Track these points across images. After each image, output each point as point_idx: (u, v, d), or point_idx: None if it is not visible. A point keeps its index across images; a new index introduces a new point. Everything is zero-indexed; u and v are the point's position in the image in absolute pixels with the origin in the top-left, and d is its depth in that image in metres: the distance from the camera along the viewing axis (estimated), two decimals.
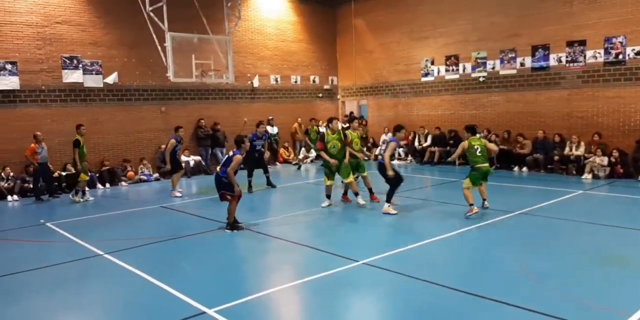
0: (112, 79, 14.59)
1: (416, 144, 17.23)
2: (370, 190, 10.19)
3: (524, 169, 14.26)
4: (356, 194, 9.84)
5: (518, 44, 14.94)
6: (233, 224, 8.25)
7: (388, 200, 9.05)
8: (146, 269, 6.35)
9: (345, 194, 10.50)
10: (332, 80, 20.58)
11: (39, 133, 12.13)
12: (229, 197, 8.15)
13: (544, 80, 14.52)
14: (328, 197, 9.98)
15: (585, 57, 13.61)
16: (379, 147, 18.00)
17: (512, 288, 5.38)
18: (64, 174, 13.17)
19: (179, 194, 11.69)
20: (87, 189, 11.99)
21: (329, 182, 9.87)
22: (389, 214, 8.97)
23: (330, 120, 10.30)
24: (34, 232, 8.80)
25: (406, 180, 10.08)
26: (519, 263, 6.19)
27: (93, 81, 14.31)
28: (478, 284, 5.51)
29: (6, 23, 12.88)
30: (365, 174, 10.29)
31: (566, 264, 6.14)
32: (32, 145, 11.86)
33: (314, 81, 19.91)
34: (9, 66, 12.87)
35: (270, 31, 18.41)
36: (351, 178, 9.80)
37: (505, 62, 15.30)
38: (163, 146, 15.25)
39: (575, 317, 4.60)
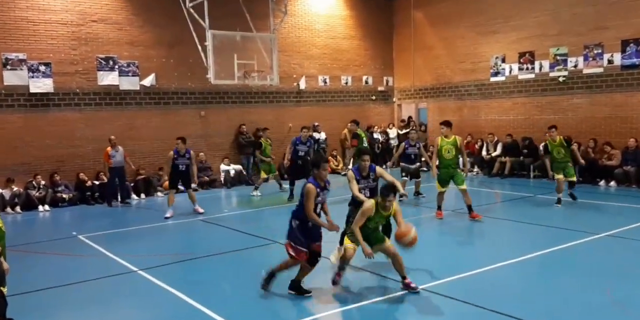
0: (149, 81, 15.11)
1: (484, 153, 16.89)
2: (469, 207, 9.90)
3: (612, 183, 13.71)
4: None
5: (605, 38, 14.44)
6: (269, 277, 6.37)
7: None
8: (183, 288, 6.51)
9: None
10: (387, 81, 20.54)
11: (113, 137, 13.17)
12: (291, 252, 6.10)
13: (636, 80, 13.96)
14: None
15: None
16: None
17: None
18: (97, 183, 13.72)
19: (168, 215, 11.19)
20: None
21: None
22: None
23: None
24: (65, 244, 9.19)
25: (473, 194, 9.89)
26: (604, 292, 5.94)
27: (129, 83, 14.88)
28: (558, 315, 5.32)
29: (40, 22, 13.62)
30: (464, 186, 9.92)
31: None
32: (107, 148, 13.08)
33: (366, 82, 19.93)
34: (42, 68, 13.58)
35: (319, 27, 18.60)
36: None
37: (590, 59, 14.81)
38: (202, 154, 15.67)
39: None
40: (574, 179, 11.23)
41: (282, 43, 16.82)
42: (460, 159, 10.75)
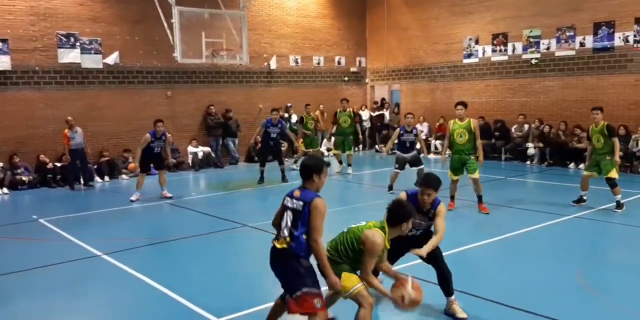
0: (112, 59, 14.76)
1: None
2: (479, 197, 9.31)
3: (581, 165, 13.98)
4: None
5: (578, 21, 14.63)
6: None
7: None
8: (149, 272, 6.46)
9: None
10: (360, 62, 20.50)
11: (70, 118, 12.80)
12: (314, 302, 4.12)
13: (607, 63, 14.20)
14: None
15: None
16: None
17: (567, 303, 5.30)
18: (58, 165, 13.43)
19: (134, 198, 11.01)
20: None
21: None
22: None
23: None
24: (25, 228, 9.01)
25: (444, 177, 9.95)
26: (573, 274, 6.10)
27: (92, 61, 14.51)
28: (525, 297, 5.44)
29: None
30: (476, 175, 9.19)
31: (630, 278, 6.02)
32: (65, 130, 12.69)
33: (339, 63, 19.86)
34: None
35: (291, 5, 18.39)
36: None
37: (563, 41, 15.00)
38: (169, 136, 15.43)
39: None
40: (611, 175, 9.09)
41: (252, 21, 16.60)
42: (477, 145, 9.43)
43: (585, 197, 9.61)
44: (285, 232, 4.25)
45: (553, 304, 5.26)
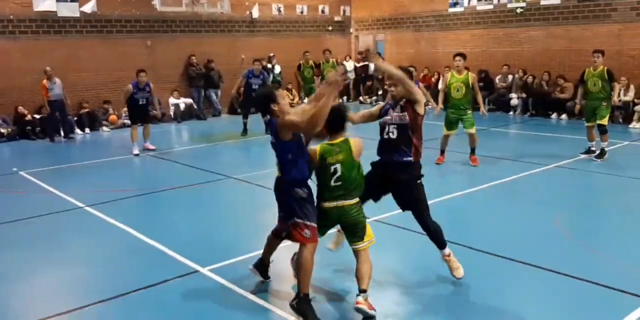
0: (89, 7, 14.20)
1: (440, 86, 16.90)
2: (472, 149, 9.12)
3: (563, 116, 14.05)
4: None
5: None
6: (303, 300, 4.17)
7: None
8: (132, 224, 6.44)
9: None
10: (344, 11, 20.01)
11: (48, 68, 12.47)
12: (304, 232, 4.18)
13: (592, 12, 14.01)
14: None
15: None
16: None
17: (546, 249, 5.40)
18: (37, 117, 13.16)
19: (136, 151, 10.77)
20: None
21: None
22: None
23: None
24: (5, 181, 8.90)
25: (428, 128, 9.89)
26: (554, 222, 6.20)
27: (68, 10, 13.96)
28: (507, 245, 5.53)
29: None
30: (472, 130, 9.01)
31: (608, 224, 6.14)
32: (44, 81, 12.36)
33: (323, 11, 19.37)
34: None
35: None
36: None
37: None
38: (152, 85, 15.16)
39: (622, 283, 4.58)
40: (603, 122, 9.13)
41: None
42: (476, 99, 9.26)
43: (593, 148, 9.48)
44: (277, 165, 4.33)
45: (530, 249, 5.36)
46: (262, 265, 4.79)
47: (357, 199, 4.29)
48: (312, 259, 4.15)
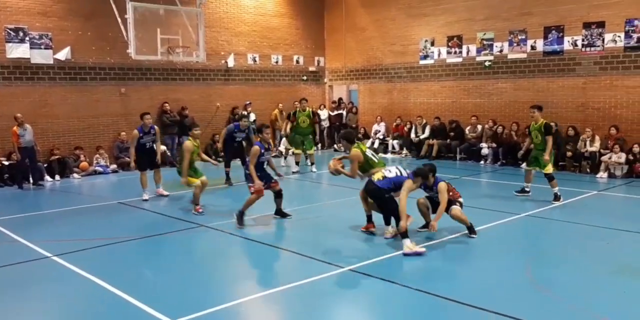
0: (64, 54, 14.36)
1: (412, 135, 17.30)
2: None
3: None
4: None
5: (529, 25, 15.05)
6: (240, 215, 8.49)
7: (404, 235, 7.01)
8: (100, 274, 6.30)
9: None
10: (318, 62, 20.55)
11: (19, 115, 12.43)
12: (250, 189, 8.44)
13: (557, 66, 14.66)
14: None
15: (603, 40, 13.76)
16: (370, 140, 18.06)
17: (518, 300, 5.45)
18: (6, 163, 12.98)
19: (145, 197, 10.86)
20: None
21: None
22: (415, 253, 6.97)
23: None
24: None
25: None
26: (524, 271, 6.28)
27: (42, 57, 14.08)
28: (477, 294, 5.57)
29: None
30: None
31: (577, 275, 6.23)
32: (14, 127, 12.28)
33: (297, 62, 19.85)
34: None
35: (248, 3, 18.28)
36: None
37: (515, 44, 15.41)
38: (123, 133, 15.16)
39: None
40: (547, 170, 9.98)
41: (209, 18, 16.43)
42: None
43: (528, 189, 10.51)
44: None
45: (501, 299, 5.41)
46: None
47: None
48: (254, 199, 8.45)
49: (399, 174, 7.37)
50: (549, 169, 10.00)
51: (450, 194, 7.70)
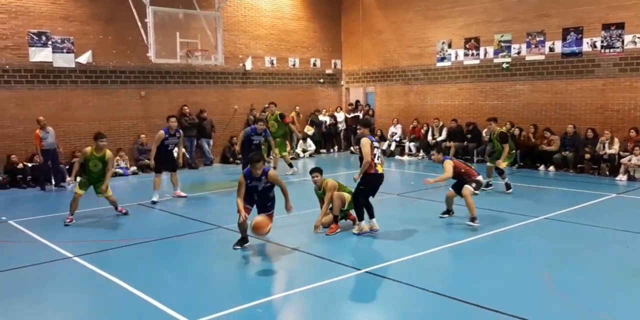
0: (85, 58, 14.55)
1: (429, 137, 17.22)
2: None
3: (551, 168, 14.26)
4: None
5: (547, 26, 14.90)
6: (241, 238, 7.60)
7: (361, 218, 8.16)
8: (120, 275, 6.37)
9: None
10: (335, 64, 20.56)
11: (41, 118, 12.64)
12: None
13: (575, 67, 14.50)
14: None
15: (623, 42, 13.57)
16: (386, 142, 18.01)
17: (536, 304, 5.39)
18: (30, 165, 13.18)
19: (155, 199, 10.82)
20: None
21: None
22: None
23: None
24: None
25: (416, 178, 9.95)
26: (542, 274, 6.21)
27: (64, 60, 14.28)
28: (497, 297, 5.52)
29: None
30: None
31: (596, 278, 6.15)
32: (37, 130, 12.50)
33: (314, 65, 19.88)
34: None
35: (266, 7, 18.35)
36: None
37: (533, 46, 15.26)
38: (143, 136, 15.31)
39: None
40: (501, 166, 11.20)
41: (227, 22, 16.53)
42: None
43: (491, 183, 11.64)
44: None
45: (520, 302, 5.36)
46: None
47: None
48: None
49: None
50: (502, 165, 11.13)
51: (463, 171, 8.62)
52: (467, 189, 8.48)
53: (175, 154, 11.41)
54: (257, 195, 7.32)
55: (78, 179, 9.65)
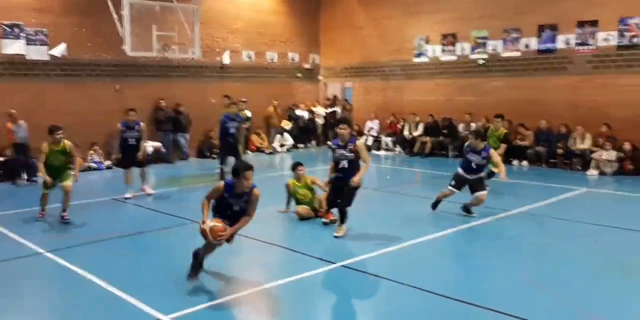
0: (59, 51, 14.27)
1: (405, 132, 17.31)
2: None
3: (524, 162, 14.45)
4: None
5: (523, 23, 15.05)
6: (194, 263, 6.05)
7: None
8: (93, 270, 6.28)
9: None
10: (313, 59, 20.50)
11: (13, 111, 12.33)
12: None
13: (550, 64, 14.68)
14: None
15: (596, 39, 13.78)
16: (363, 137, 18.05)
17: (510, 296, 5.45)
18: (0, 159, 12.91)
19: (128, 195, 10.53)
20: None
21: None
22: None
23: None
24: None
25: (393, 173, 10.00)
26: (516, 269, 6.28)
27: (37, 53, 13.99)
28: (471, 291, 5.58)
29: None
30: None
31: (568, 271, 6.25)
32: (8, 124, 12.22)
33: (292, 59, 19.80)
34: None
35: (244, 0, 18.20)
36: None
37: (509, 43, 15.41)
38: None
39: None
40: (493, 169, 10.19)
41: (204, 15, 16.29)
42: None
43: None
44: None
45: (497, 295, 5.42)
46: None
47: None
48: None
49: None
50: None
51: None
52: (484, 195, 8.67)
53: (139, 149, 10.64)
54: (229, 213, 5.84)
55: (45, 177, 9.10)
